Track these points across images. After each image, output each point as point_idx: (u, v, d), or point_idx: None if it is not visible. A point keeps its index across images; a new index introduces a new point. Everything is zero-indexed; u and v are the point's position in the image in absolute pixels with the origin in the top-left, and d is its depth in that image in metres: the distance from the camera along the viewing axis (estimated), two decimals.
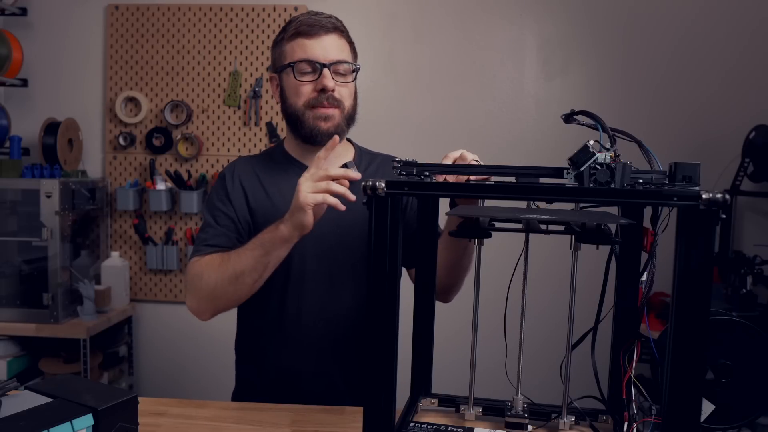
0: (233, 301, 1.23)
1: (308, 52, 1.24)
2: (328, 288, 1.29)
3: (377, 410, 0.89)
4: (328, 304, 1.29)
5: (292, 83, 1.26)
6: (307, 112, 1.26)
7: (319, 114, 1.25)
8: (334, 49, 1.25)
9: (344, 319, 1.30)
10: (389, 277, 0.87)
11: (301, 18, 1.26)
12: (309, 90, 1.25)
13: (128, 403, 0.85)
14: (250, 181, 1.33)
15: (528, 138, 2.70)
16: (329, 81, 1.24)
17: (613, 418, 1.02)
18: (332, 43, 1.26)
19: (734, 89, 2.59)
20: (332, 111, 1.26)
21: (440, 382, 1.15)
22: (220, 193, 1.33)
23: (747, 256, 2.38)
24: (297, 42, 1.25)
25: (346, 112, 1.28)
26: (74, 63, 2.85)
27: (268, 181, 1.33)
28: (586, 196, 0.87)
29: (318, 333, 1.29)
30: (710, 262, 0.77)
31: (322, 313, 1.29)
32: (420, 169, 0.96)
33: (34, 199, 2.43)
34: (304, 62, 1.24)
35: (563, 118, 0.92)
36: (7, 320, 2.46)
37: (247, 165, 1.37)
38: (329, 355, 1.30)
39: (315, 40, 1.24)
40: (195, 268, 1.24)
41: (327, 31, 1.26)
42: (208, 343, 2.76)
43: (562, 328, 0.99)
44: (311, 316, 1.29)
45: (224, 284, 1.19)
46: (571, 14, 2.67)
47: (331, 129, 1.26)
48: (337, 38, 1.27)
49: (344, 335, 1.30)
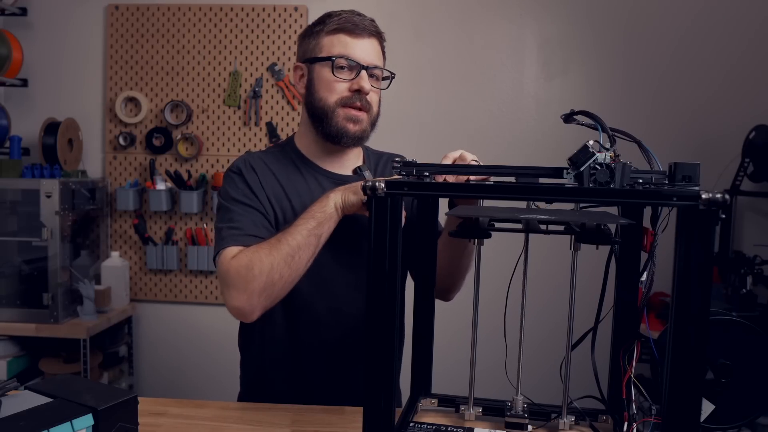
0: (288, 285, 1.12)
1: (349, 49, 1.23)
2: (341, 291, 1.27)
3: (377, 410, 0.89)
4: (341, 307, 1.27)
5: (327, 77, 1.23)
6: (338, 110, 1.23)
7: (351, 115, 1.24)
8: (373, 53, 1.25)
9: (356, 322, 1.27)
10: (389, 277, 0.87)
11: (345, 15, 1.25)
12: (344, 88, 1.23)
13: (128, 403, 0.85)
14: (267, 178, 1.27)
15: (528, 138, 2.70)
16: (366, 83, 1.23)
17: (613, 418, 1.02)
18: (373, 46, 1.25)
19: (734, 89, 2.59)
20: (362, 114, 1.25)
21: (440, 382, 1.15)
22: (241, 186, 1.25)
23: (747, 256, 2.38)
24: (338, 37, 1.23)
25: (372, 118, 1.28)
26: (74, 63, 2.85)
27: (285, 180, 1.28)
28: (586, 196, 0.87)
29: (330, 337, 1.27)
30: (710, 262, 0.77)
31: (335, 317, 1.27)
32: (420, 170, 0.96)
33: (34, 199, 2.43)
34: (344, 59, 1.22)
35: (563, 118, 0.92)
36: (7, 320, 2.46)
37: (259, 161, 1.30)
38: (340, 359, 1.28)
39: (358, 39, 1.23)
40: (241, 259, 1.11)
41: (370, 33, 1.25)
42: (208, 343, 2.76)
43: (562, 328, 0.99)
44: (326, 317, 1.26)
45: (281, 267, 1.09)
46: (571, 14, 2.67)
47: (359, 132, 1.25)
48: (377, 43, 1.27)
49: (357, 340, 1.27)
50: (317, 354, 1.28)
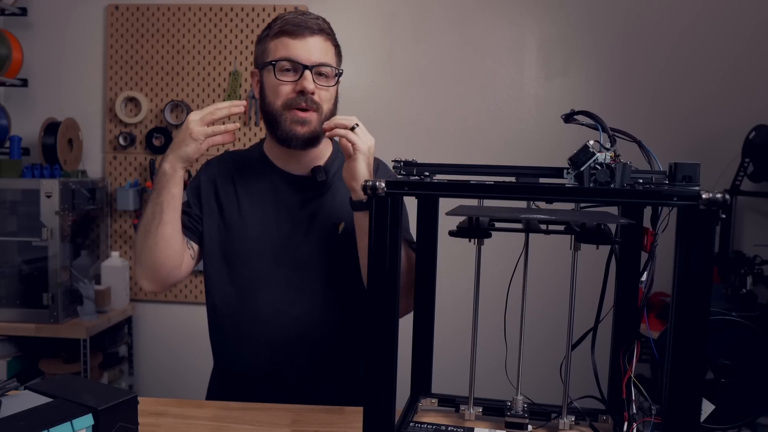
0: (155, 255, 1.23)
1: (291, 51, 1.22)
2: (284, 290, 1.29)
3: (377, 410, 0.89)
4: (284, 306, 1.29)
5: (272, 82, 1.24)
6: (285, 113, 1.23)
7: (297, 117, 1.23)
8: (317, 51, 1.23)
9: (298, 321, 1.28)
10: (389, 277, 0.87)
11: (288, 17, 1.24)
12: (288, 90, 1.22)
13: (128, 403, 0.85)
14: (224, 179, 1.35)
15: (528, 138, 2.70)
16: (309, 83, 1.21)
17: (613, 418, 1.02)
18: (317, 44, 1.23)
19: (734, 89, 2.59)
20: (309, 115, 1.23)
21: (440, 382, 1.15)
22: (193, 191, 1.35)
23: (747, 256, 2.38)
24: (281, 40, 1.23)
25: (324, 117, 1.25)
26: (74, 63, 2.85)
27: (241, 180, 1.34)
28: (586, 196, 0.87)
29: (273, 333, 1.29)
30: (710, 262, 0.77)
31: (277, 314, 1.28)
32: (420, 169, 0.95)
33: (34, 199, 2.43)
34: (285, 61, 1.22)
35: (563, 118, 0.93)
36: (7, 320, 2.46)
37: (225, 163, 1.38)
38: (282, 356, 1.29)
39: (299, 40, 1.22)
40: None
41: (312, 32, 1.23)
42: (208, 343, 2.76)
43: (562, 328, 0.99)
44: (266, 317, 1.29)
45: (141, 242, 1.24)
46: (571, 14, 2.67)
47: (307, 134, 1.24)
48: (322, 40, 1.25)
49: (299, 337, 1.29)
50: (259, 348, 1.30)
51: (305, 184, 1.32)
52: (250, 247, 1.30)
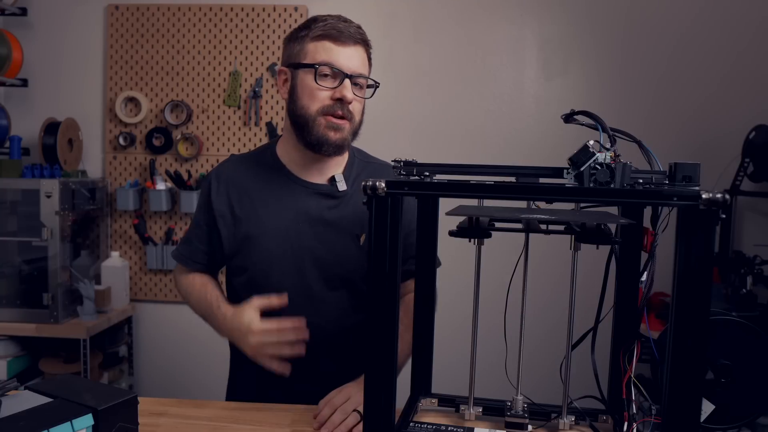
0: None
1: (333, 57, 1.20)
2: (305, 301, 1.27)
3: (377, 410, 0.89)
4: (309, 316, 1.24)
5: (310, 85, 1.21)
6: (320, 118, 1.22)
7: (332, 123, 1.22)
8: (357, 61, 1.23)
9: (323, 331, 1.27)
10: (389, 277, 0.87)
11: (330, 21, 1.22)
12: (326, 96, 1.21)
13: (128, 403, 0.85)
14: (237, 189, 1.32)
15: (528, 138, 2.70)
16: (349, 92, 1.20)
17: (613, 418, 1.02)
18: (357, 54, 1.23)
19: (734, 89, 2.59)
20: (344, 123, 1.23)
21: (440, 382, 1.15)
22: (204, 198, 1.35)
23: (747, 256, 2.38)
24: (323, 44, 1.21)
25: (354, 127, 1.26)
26: (74, 63, 2.85)
27: (256, 187, 1.31)
28: (586, 196, 0.87)
29: None
30: (710, 262, 0.77)
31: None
32: (420, 169, 0.96)
33: (34, 199, 2.43)
34: (327, 66, 1.20)
35: (563, 118, 0.93)
36: (7, 320, 2.46)
37: (235, 171, 1.34)
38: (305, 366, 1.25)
39: (342, 47, 1.21)
40: (183, 284, 1.41)
41: (355, 41, 1.23)
42: (208, 343, 2.74)
43: (562, 328, 0.99)
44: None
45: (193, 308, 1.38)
46: (571, 14, 2.67)
47: (339, 141, 1.23)
48: (362, 51, 1.25)
49: (322, 347, 1.27)
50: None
51: (325, 194, 1.30)
52: (270, 260, 1.28)
